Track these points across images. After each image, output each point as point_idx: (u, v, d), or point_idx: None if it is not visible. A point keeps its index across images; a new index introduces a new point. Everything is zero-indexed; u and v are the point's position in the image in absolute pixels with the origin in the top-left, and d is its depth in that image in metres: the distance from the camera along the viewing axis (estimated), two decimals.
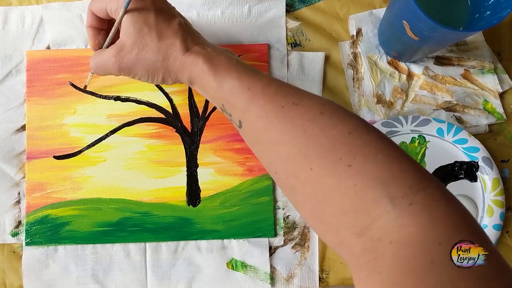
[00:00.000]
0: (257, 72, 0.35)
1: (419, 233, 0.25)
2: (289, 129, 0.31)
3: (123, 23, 0.37)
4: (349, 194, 0.28)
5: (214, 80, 0.35)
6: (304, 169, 0.30)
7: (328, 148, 0.29)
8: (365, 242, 0.27)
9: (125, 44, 0.37)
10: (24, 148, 0.48)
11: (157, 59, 0.37)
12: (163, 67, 0.37)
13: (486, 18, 0.42)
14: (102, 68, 0.39)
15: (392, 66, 0.50)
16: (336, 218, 0.29)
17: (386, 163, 0.28)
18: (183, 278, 0.47)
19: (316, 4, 0.51)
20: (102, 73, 0.40)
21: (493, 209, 0.47)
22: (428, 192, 0.27)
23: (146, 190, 0.48)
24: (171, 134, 0.49)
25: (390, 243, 0.26)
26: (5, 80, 0.49)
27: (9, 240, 0.47)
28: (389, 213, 0.26)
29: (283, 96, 0.32)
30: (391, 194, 0.26)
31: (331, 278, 0.48)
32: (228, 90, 0.34)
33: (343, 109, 0.31)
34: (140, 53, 0.37)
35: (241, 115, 0.34)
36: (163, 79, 0.38)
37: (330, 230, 0.30)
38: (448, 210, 0.26)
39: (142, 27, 0.36)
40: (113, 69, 0.38)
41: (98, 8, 0.39)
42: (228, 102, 0.35)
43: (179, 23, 0.37)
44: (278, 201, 0.49)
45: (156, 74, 0.38)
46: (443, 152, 0.49)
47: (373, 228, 0.27)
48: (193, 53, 0.36)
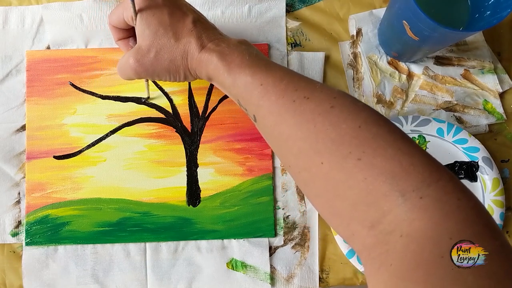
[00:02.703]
0: (270, 66, 0.35)
1: (429, 227, 0.25)
2: (299, 124, 0.31)
3: (138, 27, 0.37)
4: (359, 188, 0.28)
5: (229, 76, 0.35)
6: (315, 163, 0.30)
7: (338, 142, 0.29)
8: (377, 235, 0.27)
9: (141, 47, 0.37)
10: (24, 148, 0.48)
11: (176, 58, 0.37)
12: (183, 66, 0.38)
13: (486, 18, 0.42)
14: (122, 72, 0.40)
15: (392, 66, 0.50)
16: (348, 211, 0.29)
17: (396, 156, 0.28)
18: (183, 278, 0.47)
19: (316, 4, 0.51)
20: (124, 77, 0.40)
21: (493, 209, 0.47)
22: (440, 186, 0.26)
23: (146, 190, 0.48)
24: (171, 134, 0.49)
25: (401, 237, 0.26)
26: (5, 80, 0.49)
27: (9, 240, 0.47)
28: (400, 206, 0.26)
29: (294, 90, 0.32)
30: (401, 188, 0.26)
31: (331, 278, 0.48)
32: (242, 86, 0.34)
33: (355, 102, 0.31)
34: (158, 54, 0.37)
35: (255, 110, 0.34)
36: (185, 76, 0.39)
37: (342, 223, 0.30)
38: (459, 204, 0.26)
39: (157, 28, 0.36)
40: (131, 73, 0.39)
41: (116, 19, 0.39)
42: (242, 97, 0.35)
43: (193, 20, 0.37)
44: (278, 201, 0.49)
45: (177, 73, 0.38)
46: (443, 152, 0.49)
47: (385, 222, 0.27)
48: (208, 50, 0.36)
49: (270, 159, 0.49)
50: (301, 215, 0.49)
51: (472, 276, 0.23)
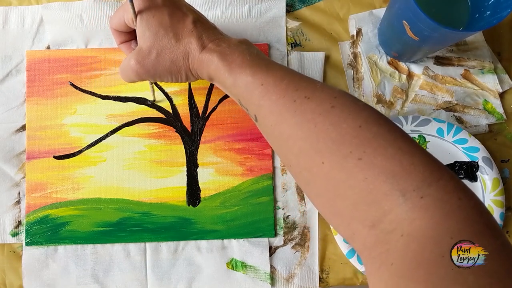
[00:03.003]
0: (271, 66, 0.35)
1: (430, 227, 0.25)
2: (300, 123, 0.31)
3: (138, 28, 0.37)
4: (359, 188, 0.28)
5: (230, 76, 0.35)
6: (315, 163, 0.30)
7: (338, 142, 0.29)
8: (377, 235, 0.27)
9: (142, 48, 0.37)
10: (24, 148, 0.48)
11: (177, 59, 0.37)
12: (184, 66, 0.38)
13: (486, 18, 0.42)
14: (124, 75, 0.40)
15: (392, 66, 0.50)
16: (348, 210, 0.29)
17: (397, 156, 0.28)
18: (183, 278, 0.47)
19: (316, 4, 0.51)
20: (127, 80, 0.40)
21: (493, 209, 0.47)
22: (440, 185, 0.26)
23: (146, 190, 0.48)
24: (171, 134, 0.49)
25: (402, 236, 0.26)
26: (5, 80, 0.49)
27: (9, 240, 0.47)
28: (401, 206, 0.26)
29: (295, 90, 0.32)
30: (402, 187, 0.27)
31: (331, 278, 0.48)
32: (243, 86, 0.34)
33: (355, 102, 0.31)
34: (159, 55, 0.37)
35: (256, 110, 0.34)
36: (187, 77, 0.39)
37: (342, 223, 0.30)
38: (460, 204, 0.26)
39: (157, 29, 0.36)
40: (132, 74, 0.38)
41: (117, 22, 0.39)
42: (243, 97, 0.35)
43: (193, 20, 0.37)
44: (278, 201, 0.49)
45: (179, 73, 0.38)
46: (443, 152, 0.49)
47: (385, 221, 0.27)
48: (208, 50, 0.36)
49: (270, 159, 0.49)
50: (301, 215, 0.49)
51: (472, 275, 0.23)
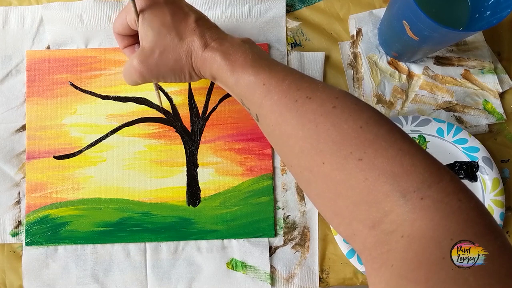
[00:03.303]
0: (273, 66, 0.35)
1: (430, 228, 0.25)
2: (301, 124, 0.31)
3: (141, 28, 0.37)
4: (360, 188, 0.28)
5: (232, 76, 0.35)
6: (316, 163, 0.30)
7: (339, 142, 0.29)
8: (378, 235, 0.27)
9: (145, 48, 0.37)
10: (24, 148, 0.48)
11: (180, 58, 0.37)
12: (187, 65, 0.37)
13: (486, 18, 0.42)
14: (127, 76, 0.39)
15: (392, 66, 0.50)
16: (349, 211, 0.29)
17: (397, 157, 0.28)
18: (183, 278, 0.47)
19: (316, 4, 0.51)
20: (130, 82, 0.40)
21: (493, 209, 0.47)
22: (441, 187, 0.27)
23: (146, 190, 0.48)
24: (171, 134, 0.49)
25: (402, 237, 0.26)
26: (5, 80, 0.49)
27: (9, 240, 0.47)
28: (401, 207, 0.26)
29: (297, 90, 0.32)
30: (402, 188, 0.27)
31: (331, 278, 0.48)
32: (245, 86, 0.35)
33: (357, 102, 0.31)
34: (162, 54, 0.37)
35: (257, 110, 0.34)
36: (190, 76, 0.39)
37: (343, 223, 0.30)
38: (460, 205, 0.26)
39: (160, 29, 0.36)
40: (136, 75, 0.38)
41: (120, 25, 0.39)
42: (245, 97, 0.35)
43: (195, 19, 0.37)
44: (278, 201, 0.49)
45: (182, 73, 0.38)
46: (443, 152, 0.49)
47: (386, 221, 0.27)
48: (211, 49, 0.36)
49: (270, 159, 0.49)
50: (301, 215, 0.49)
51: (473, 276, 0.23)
